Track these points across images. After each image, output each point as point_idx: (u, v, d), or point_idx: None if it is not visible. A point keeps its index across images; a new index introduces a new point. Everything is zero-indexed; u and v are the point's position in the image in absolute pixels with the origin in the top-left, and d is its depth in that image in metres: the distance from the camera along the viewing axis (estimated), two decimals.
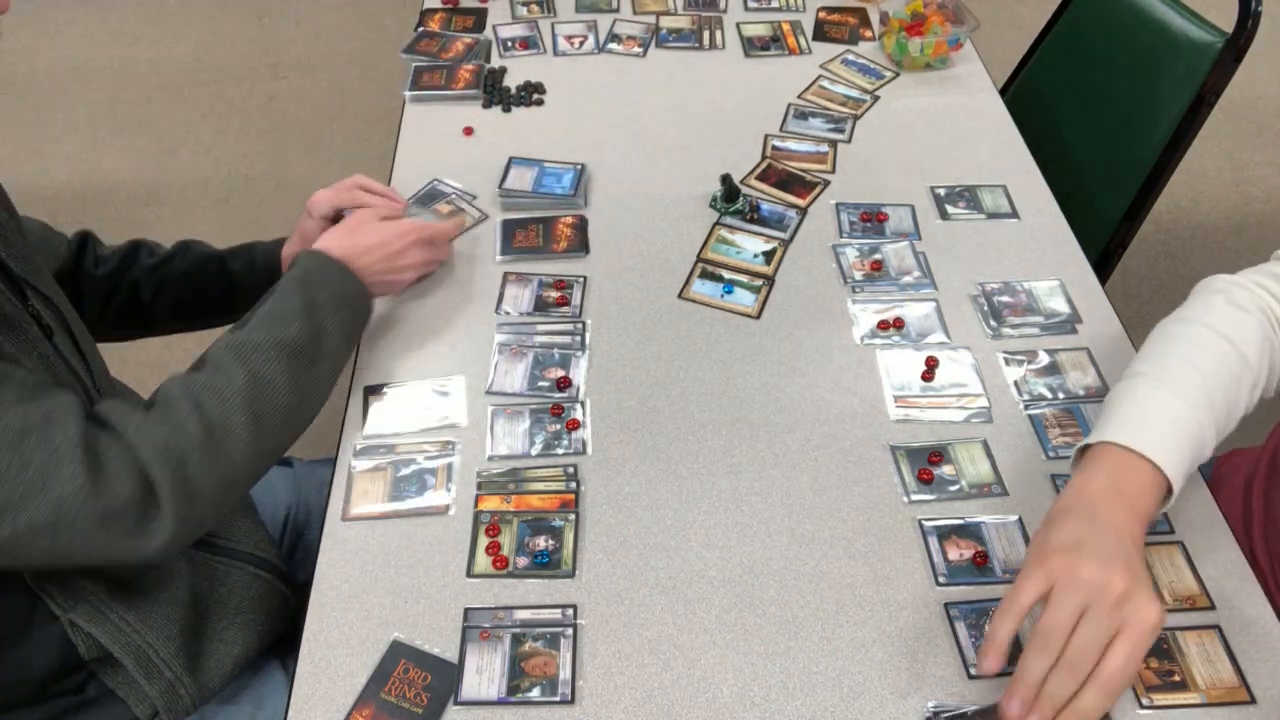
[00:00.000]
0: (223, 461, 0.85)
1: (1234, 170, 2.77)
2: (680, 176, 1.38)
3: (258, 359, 0.90)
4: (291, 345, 0.92)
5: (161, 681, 0.94)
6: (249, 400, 0.87)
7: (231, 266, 1.20)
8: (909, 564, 0.94)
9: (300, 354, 0.93)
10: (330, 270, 1.02)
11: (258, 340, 0.91)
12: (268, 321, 0.94)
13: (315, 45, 3.35)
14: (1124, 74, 1.52)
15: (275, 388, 0.90)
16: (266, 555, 1.06)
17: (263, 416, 0.88)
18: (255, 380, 0.88)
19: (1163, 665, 0.85)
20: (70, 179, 2.82)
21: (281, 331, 0.93)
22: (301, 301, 0.96)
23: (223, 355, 0.90)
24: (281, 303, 0.96)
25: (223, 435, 0.85)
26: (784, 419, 1.06)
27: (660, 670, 0.86)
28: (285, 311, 0.95)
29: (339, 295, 1.00)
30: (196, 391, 0.86)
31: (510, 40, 1.65)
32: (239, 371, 0.88)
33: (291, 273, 1.00)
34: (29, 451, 0.75)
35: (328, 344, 0.97)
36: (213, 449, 0.84)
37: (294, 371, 0.92)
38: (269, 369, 0.90)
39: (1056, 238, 1.28)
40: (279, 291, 0.97)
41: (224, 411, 0.86)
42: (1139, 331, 1.15)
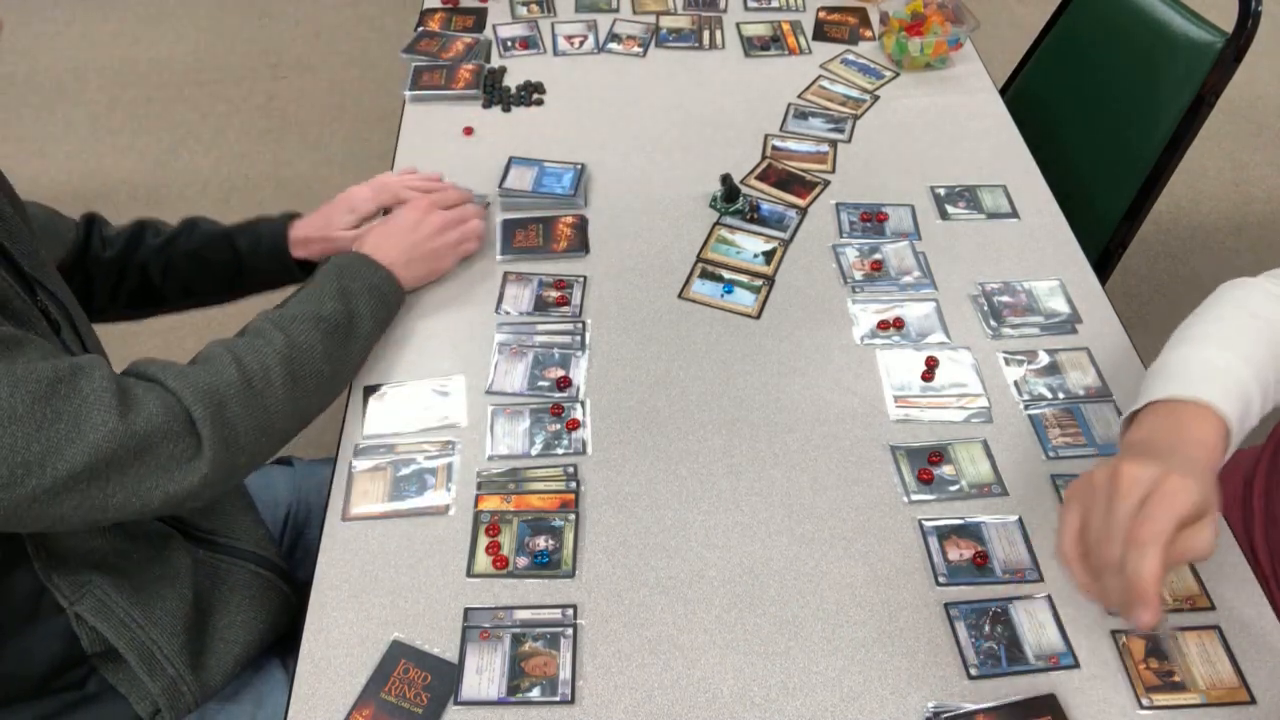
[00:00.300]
0: (259, 411, 0.90)
1: (1234, 170, 2.77)
2: (680, 176, 1.38)
3: (295, 328, 0.96)
4: (327, 321, 0.99)
5: (164, 678, 0.94)
6: (287, 360, 0.93)
7: (238, 244, 1.22)
8: (909, 564, 0.94)
9: (335, 330, 1.00)
10: (363, 264, 1.08)
11: (295, 313, 0.98)
12: (304, 299, 1.01)
13: (315, 45, 3.35)
14: (1124, 74, 1.52)
15: (312, 354, 0.96)
16: (267, 553, 1.07)
17: (299, 378, 0.94)
18: (293, 345, 0.95)
19: (1163, 665, 0.85)
20: (70, 179, 2.82)
21: (318, 308, 1.00)
22: (336, 286, 1.03)
23: (262, 323, 0.97)
24: (318, 286, 1.03)
25: (262, 386, 0.90)
26: (784, 419, 1.07)
27: (660, 670, 0.86)
28: (321, 294, 1.02)
29: (370, 285, 1.07)
30: (237, 349, 0.92)
31: (510, 40, 1.65)
32: (278, 336, 0.95)
33: (326, 266, 1.07)
34: (59, 403, 0.77)
35: (360, 326, 1.04)
36: (251, 397, 0.89)
37: (329, 344, 0.98)
38: (306, 338, 0.96)
39: (1056, 238, 1.28)
40: (315, 279, 1.05)
41: (263, 367, 0.91)
42: (1139, 331, 1.15)
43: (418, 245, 1.15)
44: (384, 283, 1.09)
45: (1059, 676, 0.85)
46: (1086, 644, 0.87)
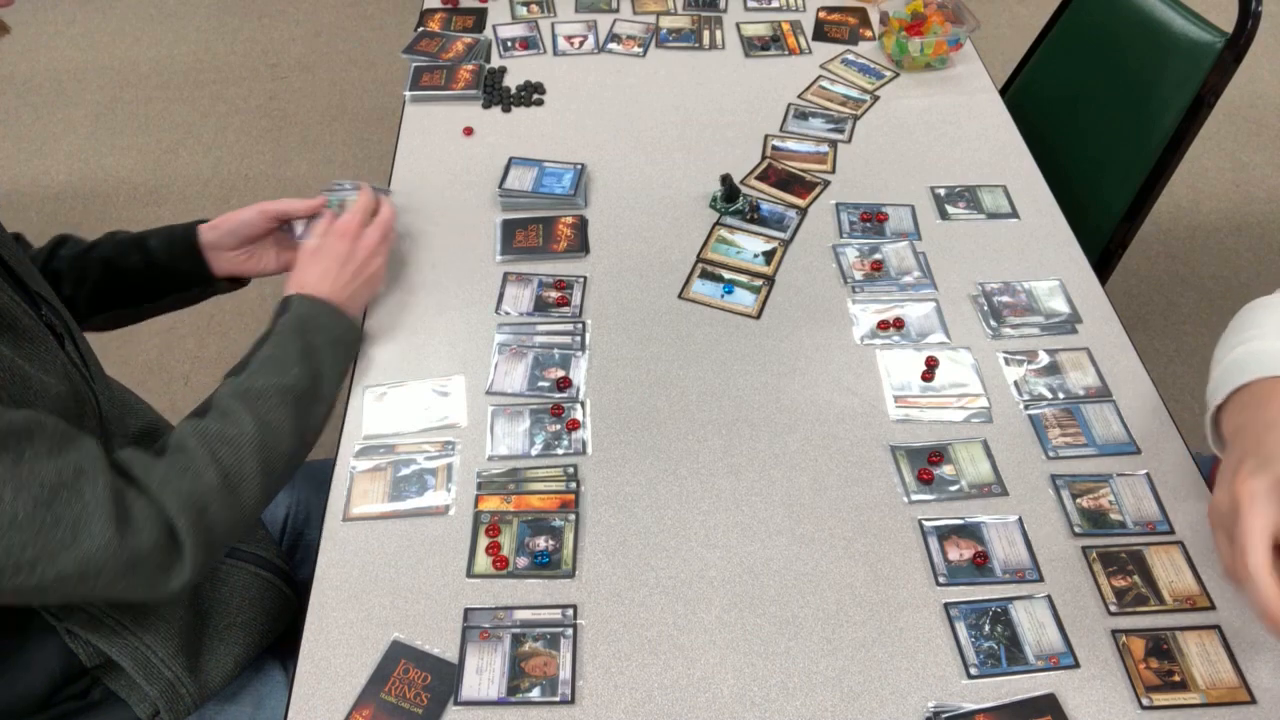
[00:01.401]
0: (237, 508, 0.88)
1: (1234, 170, 2.77)
2: (680, 176, 1.38)
3: (264, 406, 0.93)
4: (294, 391, 0.96)
5: (161, 682, 0.94)
6: (260, 448, 0.90)
7: (149, 244, 1.17)
8: (909, 564, 0.94)
9: (302, 398, 0.96)
10: (323, 314, 1.04)
11: (262, 387, 0.94)
12: (269, 367, 0.97)
13: (315, 45, 3.35)
14: (1124, 74, 1.52)
15: (282, 434, 0.93)
16: (268, 555, 1.07)
17: (271, 463, 0.91)
18: (264, 428, 0.91)
19: (1163, 665, 0.85)
20: (70, 179, 2.83)
21: (283, 378, 0.96)
22: (299, 346, 0.99)
23: (231, 402, 0.92)
24: (280, 348, 0.98)
25: (237, 483, 0.88)
26: (784, 419, 1.07)
27: (660, 670, 0.86)
28: (284, 357, 0.98)
29: (333, 338, 1.03)
30: (211, 441, 0.89)
31: (510, 40, 1.65)
32: (249, 420, 0.91)
33: (286, 319, 1.01)
34: (60, 508, 0.76)
35: (325, 387, 1.00)
36: (229, 497, 0.87)
37: (297, 416, 0.95)
38: (275, 415, 0.93)
39: (1056, 238, 1.28)
40: (276, 336, 1.00)
41: (238, 461, 0.89)
42: (1139, 331, 1.15)
43: (357, 274, 1.11)
44: (347, 332, 1.06)
45: (1059, 676, 0.85)
46: (1086, 644, 0.87)
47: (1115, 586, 0.91)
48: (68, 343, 0.94)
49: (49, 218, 2.69)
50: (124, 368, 2.24)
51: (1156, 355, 2.20)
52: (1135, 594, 0.90)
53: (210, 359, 2.25)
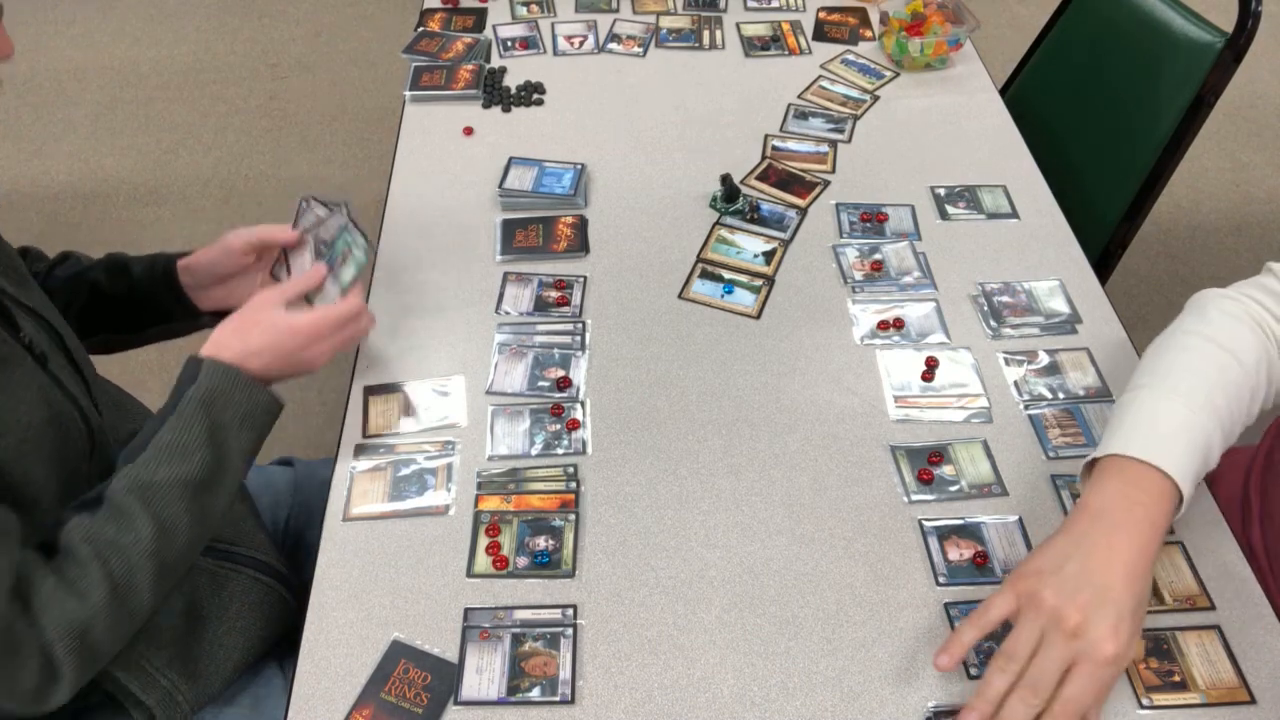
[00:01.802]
0: (126, 621, 0.84)
1: (1234, 170, 2.77)
2: (680, 176, 1.38)
3: (160, 503, 0.85)
4: (195, 481, 0.88)
5: (158, 690, 0.94)
6: (155, 554, 0.84)
7: (133, 270, 1.13)
8: (909, 564, 0.94)
9: (203, 487, 0.89)
10: (235, 386, 0.93)
11: (160, 480, 0.86)
12: (169, 454, 0.87)
13: (315, 45, 3.35)
14: (1124, 74, 1.52)
15: (179, 529, 0.86)
16: (269, 559, 1.06)
17: (166, 564, 0.86)
18: (160, 528, 0.85)
19: (1163, 665, 0.85)
20: (70, 179, 2.82)
21: (184, 467, 0.87)
22: (205, 426, 0.89)
23: (126, 499, 0.85)
24: (183, 432, 0.89)
25: (127, 595, 0.83)
26: (784, 419, 1.07)
27: (660, 670, 0.86)
28: (187, 442, 0.88)
29: (244, 414, 0.93)
30: (102, 549, 0.82)
31: (510, 40, 1.65)
32: (144, 522, 0.84)
33: (193, 391, 0.90)
34: None
35: (229, 466, 0.91)
36: (117, 613, 0.82)
37: (198, 507, 0.88)
38: (172, 511, 0.86)
39: (1056, 238, 1.28)
40: (180, 414, 0.89)
41: (129, 571, 0.83)
42: (1139, 331, 1.15)
43: (300, 360, 0.99)
44: (259, 408, 0.94)
45: None
46: None
47: None
48: (53, 361, 0.92)
49: (49, 218, 2.69)
50: (124, 367, 2.23)
51: None
52: None
53: None
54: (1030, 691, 0.75)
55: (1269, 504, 1.07)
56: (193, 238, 2.60)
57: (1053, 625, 0.76)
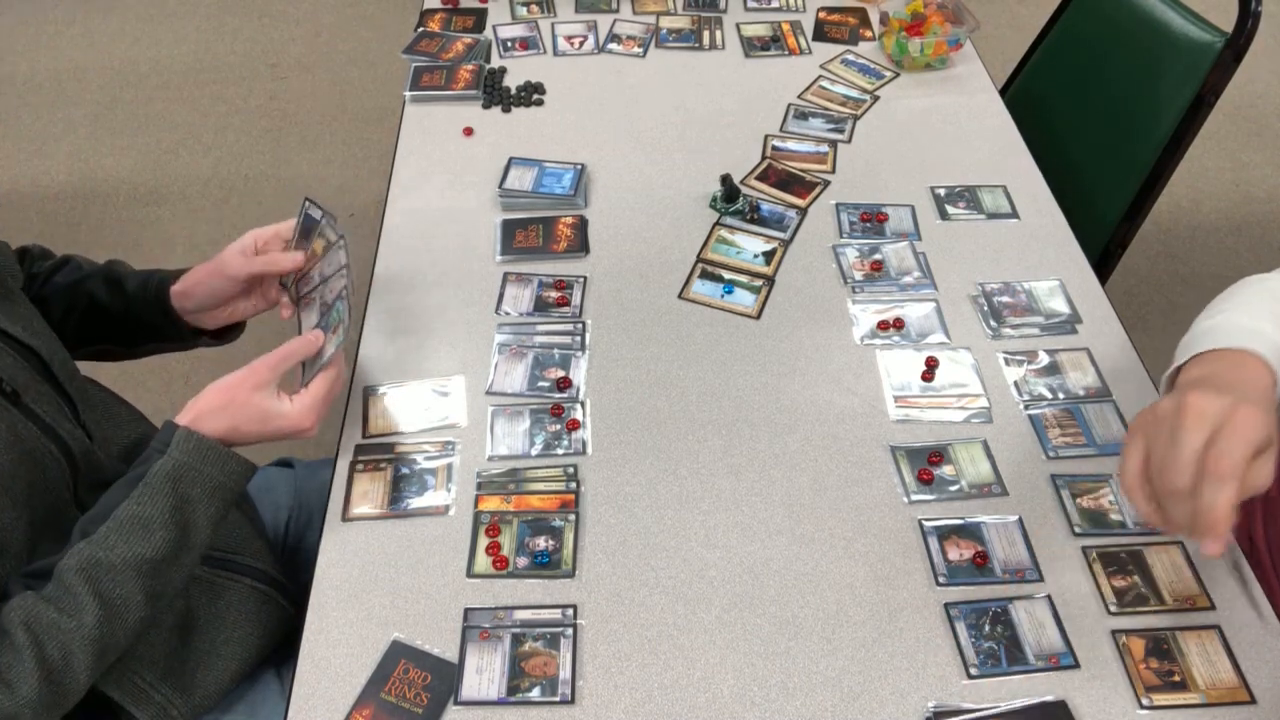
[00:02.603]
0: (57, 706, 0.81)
1: (1234, 170, 2.77)
2: (680, 176, 1.38)
3: (111, 583, 0.82)
4: (154, 560, 0.84)
5: (152, 706, 0.93)
6: (97, 639, 0.81)
7: (127, 286, 1.10)
8: (909, 564, 0.94)
9: (163, 563, 0.85)
10: (205, 460, 0.89)
11: (115, 560, 0.82)
12: (129, 530, 0.84)
13: (315, 45, 3.35)
14: (1124, 74, 1.52)
15: (129, 609, 0.83)
16: (265, 567, 1.05)
17: (111, 646, 0.83)
18: (108, 611, 0.81)
19: (1163, 665, 0.85)
20: (70, 179, 2.82)
21: (144, 546, 0.84)
22: (171, 501, 0.86)
23: (75, 580, 0.81)
24: (148, 506, 0.85)
25: (62, 679, 0.80)
26: (784, 419, 1.07)
27: (660, 670, 0.86)
28: (150, 518, 0.85)
29: (214, 487, 0.89)
30: (40, 633, 0.79)
31: (510, 40, 1.65)
32: (91, 605, 0.81)
33: (162, 465, 0.87)
34: None
35: (194, 539, 0.88)
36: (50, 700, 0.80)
37: (154, 584, 0.85)
38: (124, 591, 0.82)
39: (1056, 238, 1.28)
40: (146, 487, 0.86)
41: (66, 656, 0.80)
42: (1139, 332, 1.15)
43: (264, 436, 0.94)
44: (231, 479, 0.90)
45: (1059, 676, 0.85)
46: (1086, 644, 0.87)
47: (1115, 586, 0.91)
48: (27, 395, 0.90)
49: (49, 218, 2.69)
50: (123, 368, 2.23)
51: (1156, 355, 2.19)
52: (1135, 594, 0.91)
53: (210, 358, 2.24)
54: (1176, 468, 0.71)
55: (1270, 503, 1.07)
56: (193, 238, 2.60)
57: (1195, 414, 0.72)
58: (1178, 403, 0.73)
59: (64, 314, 1.10)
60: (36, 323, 0.98)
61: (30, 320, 0.97)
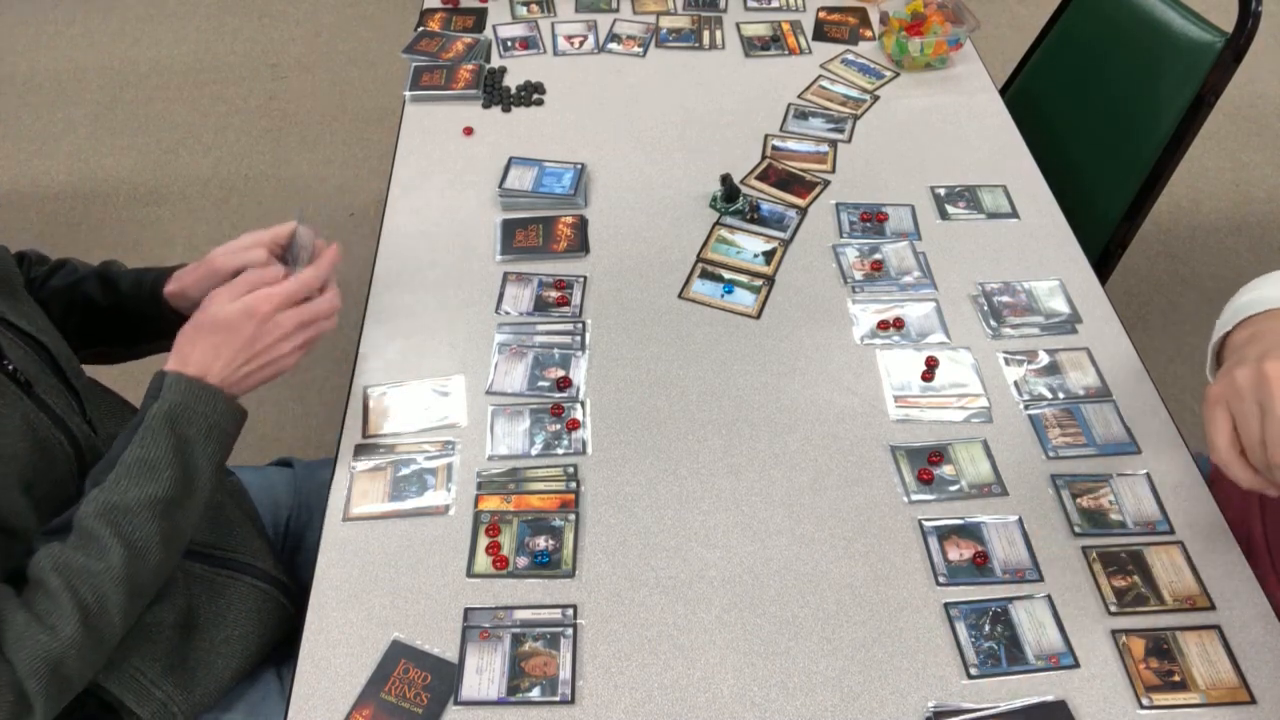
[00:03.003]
0: (98, 649, 0.83)
1: (1234, 170, 2.77)
2: (680, 176, 1.38)
3: (130, 525, 0.84)
4: (165, 499, 0.86)
5: (153, 703, 0.93)
6: (126, 579, 0.83)
7: (121, 286, 1.11)
8: (909, 564, 0.94)
9: (174, 503, 0.87)
10: (198, 400, 0.91)
11: (129, 502, 0.85)
12: (137, 473, 0.86)
13: (315, 45, 3.35)
14: (1124, 74, 1.52)
15: (150, 550, 0.85)
16: (267, 566, 1.05)
17: (138, 587, 0.85)
18: (131, 551, 0.84)
19: (1163, 665, 0.85)
20: (70, 179, 2.82)
21: (153, 486, 0.86)
22: (171, 441, 0.88)
23: (95, 524, 0.83)
24: (150, 448, 0.87)
25: (99, 622, 0.82)
26: (784, 419, 1.07)
27: (660, 670, 0.86)
28: (155, 459, 0.87)
29: (209, 426, 0.91)
30: (72, 578, 0.81)
31: (510, 40, 1.65)
32: (114, 546, 0.83)
33: (158, 407, 0.89)
34: None
35: (199, 480, 0.90)
36: (90, 642, 0.82)
37: (168, 525, 0.87)
38: (143, 533, 0.85)
39: (1056, 238, 1.28)
40: (146, 430, 0.88)
41: (100, 598, 0.82)
42: (1139, 332, 1.15)
43: (254, 360, 0.95)
44: (225, 419, 0.92)
45: (1059, 676, 0.85)
46: (1086, 644, 0.87)
47: (1115, 586, 0.91)
48: (40, 385, 0.91)
49: (49, 218, 2.69)
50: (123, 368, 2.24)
51: (1156, 355, 2.20)
52: (1135, 594, 0.91)
53: None
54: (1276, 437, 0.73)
55: (1270, 501, 1.07)
56: (193, 237, 2.60)
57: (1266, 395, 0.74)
58: (1258, 372, 0.75)
59: (63, 316, 1.10)
60: (42, 321, 0.99)
61: (36, 318, 0.98)
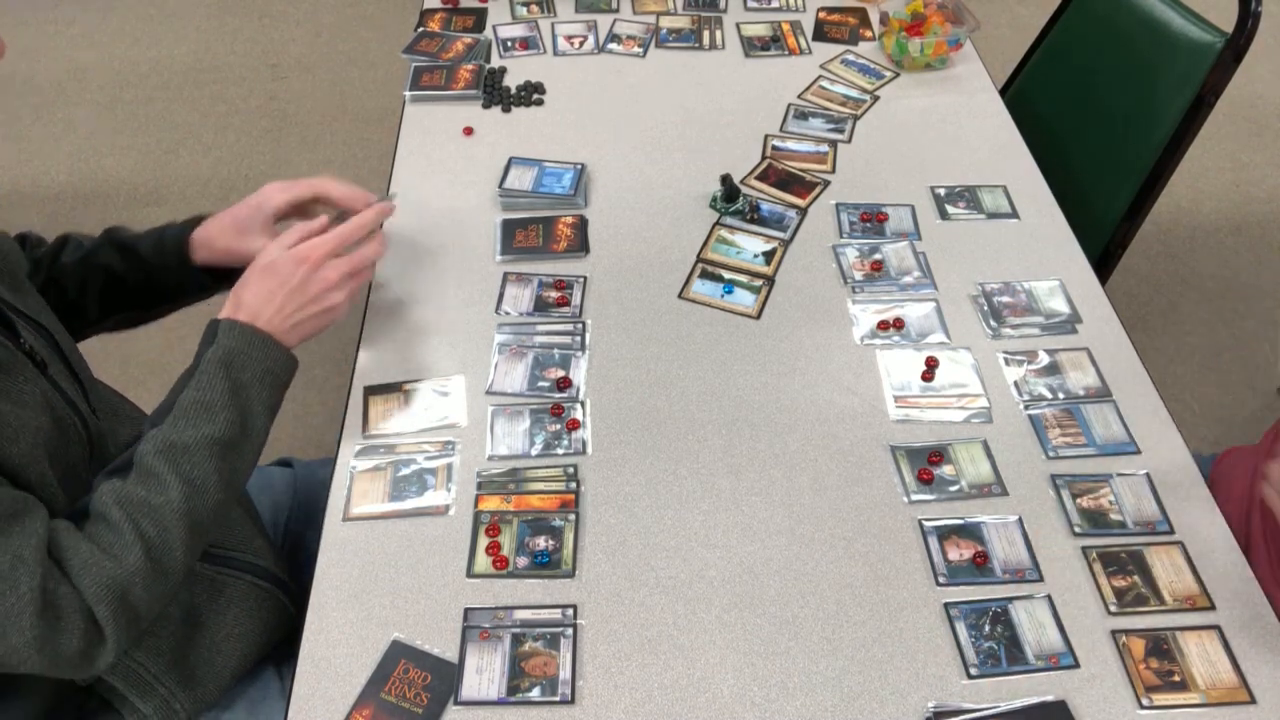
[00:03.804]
0: (163, 581, 0.85)
1: (1234, 170, 2.77)
2: (680, 176, 1.38)
3: (189, 463, 0.87)
4: (221, 440, 0.89)
5: (155, 699, 0.94)
6: (186, 514, 0.85)
7: (141, 251, 1.12)
8: (909, 564, 0.94)
9: (230, 446, 0.90)
10: (252, 345, 0.94)
11: (188, 441, 0.87)
12: (195, 414, 0.89)
13: (315, 45, 3.35)
14: (1124, 74, 1.52)
15: (209, 489, 0.87)
16: (267, 564, 1.05)
17: (198, 524, 0.87)
18: (190, 488, 0.86)
19: (1163, 665, 0.85)
20: (70, 179, 2.82)
21: (210, 426, 0.88)
22: (226, 385, 0.91)
23: (155, 461, 0.86)
24: (206, 390, 0.90)
25: (162, 555, 0.84)
26: (784, 419, 1.07)
27: (660, 670, 0.86)
28: (211, 401, 0.90)
29: (263, 371, 0.94)
30: (134, 511, 0.83)
31: (510, 40, 1.65)
32: (174, 482, 0.85)
33: (213, 352, 0.92)
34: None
35: (254, 424, 0.92)
36: (154, 573, 0.83)
37: (225, 466, 0.89)
38: (201, 471, 0.87)
39: (1056, 238, 1.28)
40: (202, 374, 0.91)
41: (162, 531, 0.84)
42: (1139, 332, 1.15)
43: (305, 307, 0.98)
44: (277, 365, 0.95)
45: (1059, 676, 0.85)
46: (1086, 644, 0.87)
47: (1115, 586, 0.91)
48: (53, 367, 0.92)
49: (49, 218, 2.68)
50: (124, 368, 2.24)
51: (1156, 355, 2.20)
52: (1135, 594, 0.91)
53: None
54: None
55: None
56: None
57: None
58: None
59: (79, 291, 1.12)
60: (46, 312, 0.99)
61: (41, 308, 0.98)
